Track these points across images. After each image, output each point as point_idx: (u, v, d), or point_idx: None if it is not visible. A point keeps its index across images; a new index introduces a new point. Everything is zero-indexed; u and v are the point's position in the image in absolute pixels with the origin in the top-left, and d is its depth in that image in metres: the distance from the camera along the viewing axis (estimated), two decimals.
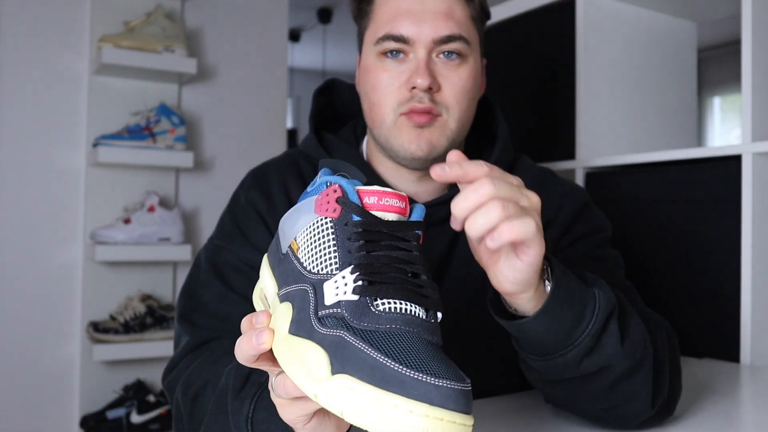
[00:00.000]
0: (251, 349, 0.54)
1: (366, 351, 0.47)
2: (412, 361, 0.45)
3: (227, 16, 2.45)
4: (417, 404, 0.43)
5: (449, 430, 0.43)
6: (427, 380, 0.44)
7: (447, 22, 0.85)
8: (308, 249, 0.55)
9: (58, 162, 2.15)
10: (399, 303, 0.50)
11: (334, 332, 0.49)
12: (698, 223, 1.32)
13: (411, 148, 0.87)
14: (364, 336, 0.48)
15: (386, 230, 0.53)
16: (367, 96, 0.90)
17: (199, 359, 0.81)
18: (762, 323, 1.23)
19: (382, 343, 0.47)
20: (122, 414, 2.05)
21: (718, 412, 0.86)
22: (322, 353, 0.48)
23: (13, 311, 2.07)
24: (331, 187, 0.55)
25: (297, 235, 0.57)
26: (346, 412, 0.45)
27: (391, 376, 0.44)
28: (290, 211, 0.60)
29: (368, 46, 0.90)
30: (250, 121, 2.48)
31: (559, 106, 1.59)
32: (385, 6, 0.88)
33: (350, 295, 0.50)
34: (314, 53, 6.76)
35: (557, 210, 0.94)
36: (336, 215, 0.54)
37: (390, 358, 0.45)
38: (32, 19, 2.11)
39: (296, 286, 0.54)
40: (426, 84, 0.84)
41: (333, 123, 1.02)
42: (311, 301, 0.52)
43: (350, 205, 0.54)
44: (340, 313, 0.50)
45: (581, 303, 0.65)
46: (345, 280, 0.51)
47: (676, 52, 1.70)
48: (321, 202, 0.55)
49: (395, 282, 0.51)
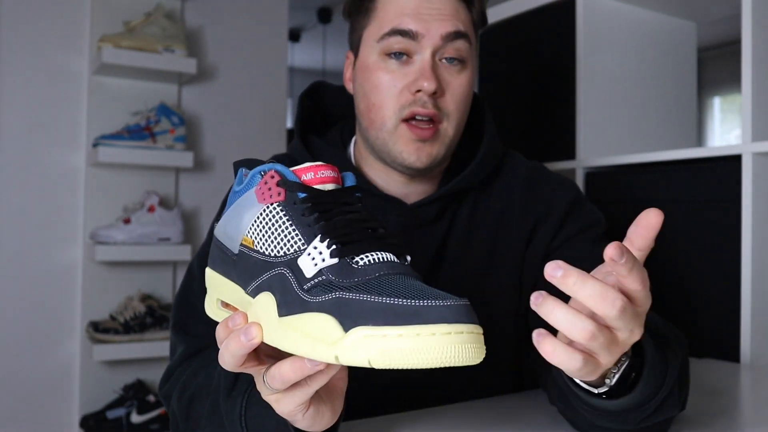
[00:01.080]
0: (242, 348, 0.54)
1: (369, 299, 0.48)
2: (413, 294, 0.48)
3: (227, 16, 2.44)
4: (436, 326, 0.46)
5: (469, 340, 0.47)
6: (436, 303, 0.47)
7: (453, 20, 0.85)
8: (266, 238, 0.55)
9: (58, 162, 2.15)
10: (375, 254, 0.53)
11: (329, 296, 0.50)
12: (698, 223, 1.32)
13: (410, 159, 0.86)
14: (360, 288, 0.50)
15: (332, 199, 0.56)
16: (365, 96, 0.89)
17: (194, 366, 0.81)
18: (762, 323, 1.23)
19: (379, 289, 0.49)
20: (122, 414, 2.05)
21: (718, 412, 0.86)
22: (328, 317, 0.49)
23: (13, 311, 2.07)
24: (267, 174, 0.56)
25: (246, 231, 0.57)
26: (373, 359, 0.46)
27: (403, 310, 0.47)
28: (226, 216, 0.60)
29: (369, 43, 0.88)
30: (250, 121, 2.48)
31: (559, 106, 1.59)
32: (391, 4, 0.87)
33: (330, 260, 0.52)
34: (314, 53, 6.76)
35: (549, 206, 0.94)
36: (282, 198, 0.55)
37: (394, 297, 0.48)
38: (32, 19, 2.11)
39: (268, 274, 0.54)
40: (432, 88, 0.83)
41: (322, 125, 1.01)
42: (291, 280, 0.53)
43: (292, 185, 0.55)
44: (326, 280, 0.51)
45: (658, 380, 0.62)
46: (317, 250, 0.52)
47: (676, 52, 1.70)
48: (262, 191, 0.56)
49: (363, 238, 0.54)
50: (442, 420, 0.82)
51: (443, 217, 0.93)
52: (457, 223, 0.94)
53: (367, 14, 0.89)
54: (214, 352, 0.83)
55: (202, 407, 0.73)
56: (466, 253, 0.93)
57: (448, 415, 0.84)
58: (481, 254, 0.94)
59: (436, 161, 0.88)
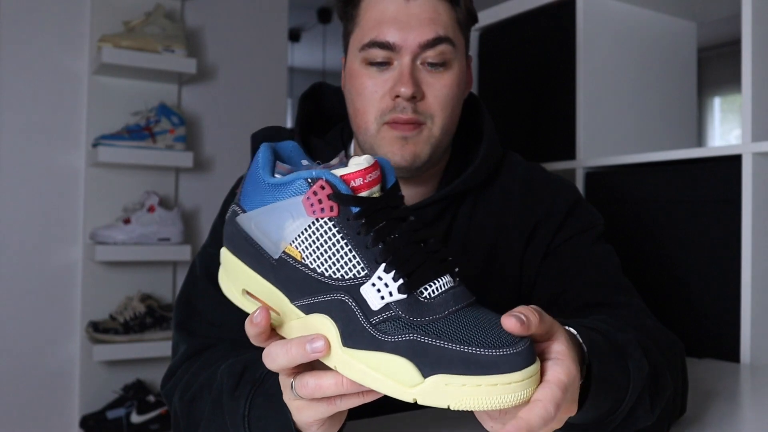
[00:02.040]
0: (305, 357, 0.53)
1: (446, 346, 0.49)
2: (486, 339, 0.49)
3: (227, 16, 2.44)
4: (510, 375, 0.48)
5: (536, 381, 0.50)
6: (509, 352, 0.49)
7: (432, 26, 0.85)
8: (318, 255, 0.53)
9: (58, 162, 2.14)
10: (435, 282, 0.52)
11: (403, 337, 0.50)
12: (698, 223, 1.32)
13: (395, 159, 0.86)
14: (432, 331, 0.50)
15: (383, 206, 0.54)
16: (352, 102, 0.90)
17: (196, 365, 0.81)
18: (762, 323, 1.23)
19: (451, 332, 0.50)
20: (122, 414, 2.05)
21: (718, 412, 0.86)
22: (405, 362, 0.49)
23: (13, 311, 2.07)
24: (316, 184, 0.53)
25: (291, 240, 0.54)
26: (452, 405, 0.48)
27: (481, 361, 0.48)
28: (260, 212, 0.56)
29: (353, 51, 0.89)
30: (250, 121, 2.48)
31: (559, 106, 1.59)
32: (371, 11, 0.87)
33: (397, 295, 0.51)
34: (314, 53, 6.76)
35: (549, 207, 0.94)
36: (335, 213, 0.52)
37: (470, 345, 0.49)
38: (32, 19, 2.11)
39: (324, 297, 0.53)
40: (409, 93, 0.83)
41: (322, 126, 1.01)
42: (356, 311, 0.51)
43: (346, 199, 0.52)
44: (394, 315, 0.51)
45: (618, 389, 0.63)
46: (383, 281, 0.51)
47: (676, 52, 1.70)
48: (311, 202, 0.53)
49: (422, 262, 0.53)
50: (443, 420, 0.82)
51: (442, 219, 0.93)
52: (457, 224, 0.94)
53: (351, 21, 0.90)
54: (216, 351, 0.83)
55: (203, 407, 0.73)
56: (465, 254, 0.93)
57: (448, 415, 0.84)
58: (481, 255, 0.94)
59: (420, 160, 0.87)
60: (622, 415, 0.64)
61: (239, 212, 0.58)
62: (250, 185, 0.57)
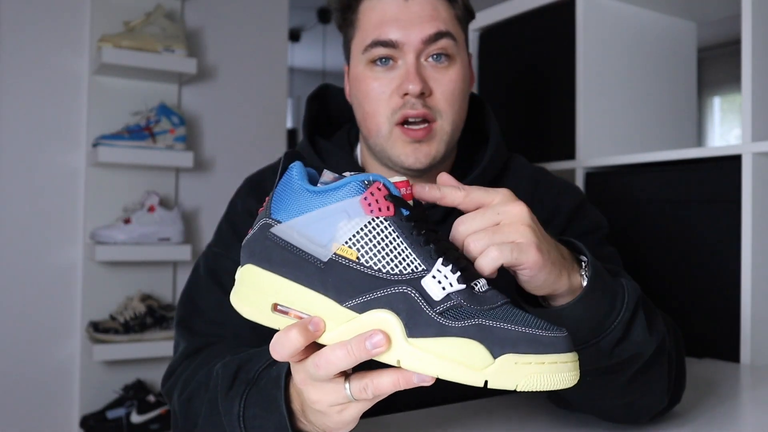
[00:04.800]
0: (364, 355, 0.52)
1: (511, 328, 0.52)
2: (538, 324, 0.53)
3: (227, 16, 2.45)
4: (566, 355, 0.53)
5: (578, 366, 0.54)
6: (561, 335, 0.53)
7: (433, 22, 0.86)
8: (374, 252, 0.55)
9: (58, 162, 2.15)
10: (480, 279, 0.56)
11: (470, 322, 0.53)
12: (698, 223, 1.32)
13: (408, 161, 0.87)
14: (496, 316, 0.53)
15: (423, 213, 0.58)
16: (360, 106, 0.90)
17: (195, 364, 0.82)
18: (762, 323, 1.23)
19: (509, 318, 0.53)
20: (122, 414, 2.05)
21: (718, 412, 0.86)
22: (475, 343, 0.52)
23: (13, 311, 2.07)
24: (374, 185, 0.56)
25: (345, 240, 0.55)
26: (520, 385, 0.51)
27: (544, 340, 0.52)
28: (306, 218, 0.57)
29: (356, 55, 0.90)
30: (250, 121, 2.48)
31: (559, 106, 1.59)
32: (371, 13, 0.88)
33: (457, 285, 0.54)
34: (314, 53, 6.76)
35: (554, 210, 0.94)
36: (391, 213, 0.56)
37: (532, 327, 0.52)
38: (32, 19, 2.11)
39: (384, 291, 0.54)
40: (418, 89, 0.84)
41: (328, 128, 1.02)
42: (420, 302, 0.53)
43: (400, 201, 0.56)
44: (456, 304, 0.53)
45: (613, 292, 0.66)
46: (442, 273, 0.54)
47: (676, 52, 1.70)
48: (369, 202, 0.56)
49: (466, 261, 0.57)
50: (442, 420, 0.82)
51: (449, 219, 0.93)
52: None
53: (352, 26, 0.91)
54: (215, 349, 0.83)
55: (200, 405, 0.73)
56: None
57: (448, 415, 0.84)
58: None
59: (436, 160, 0.88)
60: (621, 325, 0.66)
61: (272, 224, 0.58)
62: (285, 195, 0.59)
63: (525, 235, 0.59)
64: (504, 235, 0.59)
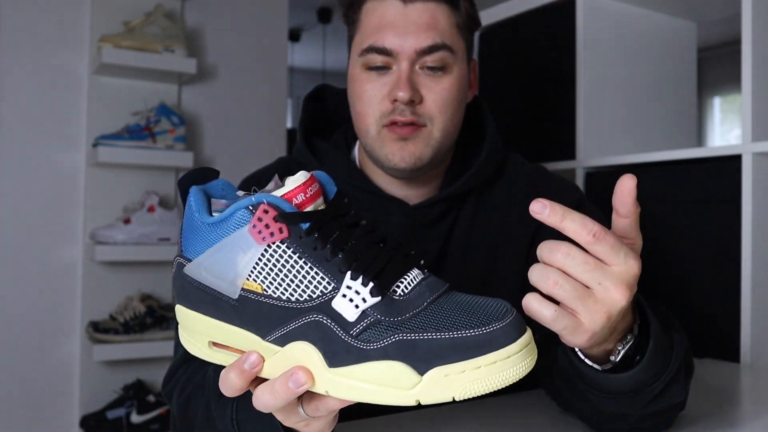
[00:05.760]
0: (292, 395, 0.51)
1: (435, 337, 0.48)
2: (471, 319, 0.48)
3: (227, 16, 2.44)
4: (507, 349, 0.47)
5: (532, 348, 0.50)
6: (497, 326, 0.47)
7: (430, 33, 0.85)
8: (278, 282, 0.51)
9: (58, 162, 2.14)
10: (405, 278, 0.51)
11: (388, 340, 0.48)
12: (698, 223, 1.32)
13: (395, 160, 0.87)
14: (417, 325, 0.48)
15: (331, 217, 0.52)
16: (353, 105, 0.91)
17: (194, 366, 0.82)
18: (762, 323, 1.23)
19: (436, 322, 0.48)
20: (122, 414, 2.05)
21: (718, 412, 0.86)
22: (398, 364, 0.48)
23: (13, 311, 2.07)
24: (259, 209, 0.51)
25: (247, 274, 0.51)
26: (457, 395, 0.47)
27: (473, 342, 0.47)
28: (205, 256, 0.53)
29: (354, 55, 0.90)
30: (250, 121, 2.48)
31: (559, 106, 1.59)
32: (371, 16, 0.88)
33: (371, 300, 0.49)
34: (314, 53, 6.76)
35: None
36: (285, 235, 0.51)
37: (458, 330, 0.47)
38: (32, 19, 2.11)
39: (296, 323, 0.51)
40: (407, 97, 0.84)
41: (326, 128, 1.02)
42: (333, 328, 0.50)
43: (292, 217, 0.51)
44: (373, 320, 0.49)
45: (666, 355, 0.64)
46: (353, 290, 0.50)
47: (676, 52, 1.70)
48: (258, 229, 0.51)
49: (387, 261, 0.51)
50: (442, 420, 0.82)
51: (446, 218, 0.93)
52: (460, 224, 0.94)
53: (354, 25, 0.91)
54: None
55: (197, 407, 0.73)
56: (468, 254, 0.94)
57: (448, 415, 0.84)
58: (484, 255, 0.94)
59: (421, 162, 0.88)
60: (662, 385, 0.64)
61: (184, 263, 0.55)
62: (189, 231, 0.55)
63: (595, 322, 0.55)
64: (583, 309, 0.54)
